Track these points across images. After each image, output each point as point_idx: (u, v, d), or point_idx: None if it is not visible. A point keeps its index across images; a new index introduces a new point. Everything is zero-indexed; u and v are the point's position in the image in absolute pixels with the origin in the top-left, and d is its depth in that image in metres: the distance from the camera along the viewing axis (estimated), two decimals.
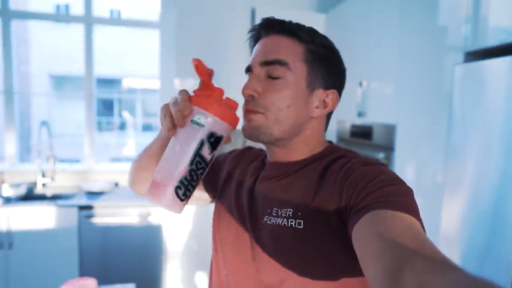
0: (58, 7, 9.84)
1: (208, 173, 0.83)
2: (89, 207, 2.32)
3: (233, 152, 0.87)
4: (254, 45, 0.72)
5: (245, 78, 0.70)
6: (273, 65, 0.65)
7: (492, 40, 1.37)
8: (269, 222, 0.65)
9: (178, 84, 2.63)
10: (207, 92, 0.58)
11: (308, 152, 0.70)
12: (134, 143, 10.16)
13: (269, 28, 0.68)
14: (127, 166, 3.19)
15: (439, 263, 0.39)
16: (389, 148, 1.95)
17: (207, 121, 0.56)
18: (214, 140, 0.57)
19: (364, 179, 0.57)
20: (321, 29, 0.72)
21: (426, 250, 0.42)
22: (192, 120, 0.56)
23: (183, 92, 0.59)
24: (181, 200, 0.57)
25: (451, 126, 1.50)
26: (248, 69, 0.70)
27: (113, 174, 2.92)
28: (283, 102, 0.65)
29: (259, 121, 0.65)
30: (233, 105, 0.60)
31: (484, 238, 1.31)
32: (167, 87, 2.86)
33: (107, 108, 12.22)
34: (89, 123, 2.90)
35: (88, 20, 2.83)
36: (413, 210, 0.52)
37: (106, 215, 2.35)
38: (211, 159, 0.59)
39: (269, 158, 0.74)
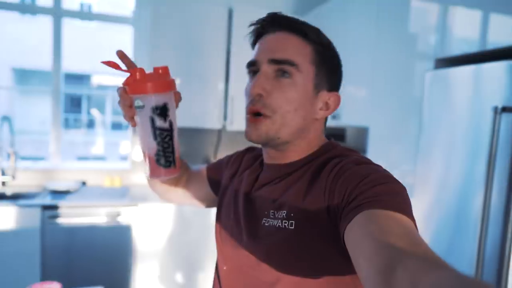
0: None
1: (212, 176, 0.89)
2: (54, 207, 2.21)
3: (235, 155, 0.87)
4: (256, 39, 0.70)
5: (221, 75, 0.69)
6: (283, 64, 0.64)
7: (458, 50, 1.43)
8: (267, 224, 0.66)
9: None
10: (131, 78, 0.64)
11: (306, 152, 0.69)
12: (102, 141, 9.84)
13: (276, 24, 0.67)
14: (95, 165, 3.08)
15: (430, 262, 0.39)
16: (361, 150, 1.99)
17: (144, 100, 0.63)
18: (160, 111, 0.64)
19: (356, 178, 0.56)
20: None
21: (418, 249, 0.42)
22: (135, 107, 0.64)
23: (119, 89, 0.65)
24: (166, 166, 0.67)
25: (421, 130, 1.55)
26: (252, 64, 0.68)
27: (81, 172, 2.80)
28: (291, 105, 0.64)
29: (266, 128, 0.64)
30: (162, 71, 0.65)
31: (449, 236, 1.36)
32: None
33: (75, 105, 11.78)
34: (55, 119, 2.77)
35: (57, 12, 2.71)
36: (405, 209, 0.52)
37: (72, 215, 2.25)
38: (171, 123, 0.66)
39: (266, 160, 0.74)
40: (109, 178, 2.75)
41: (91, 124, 11.40)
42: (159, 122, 0.64)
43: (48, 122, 2.84)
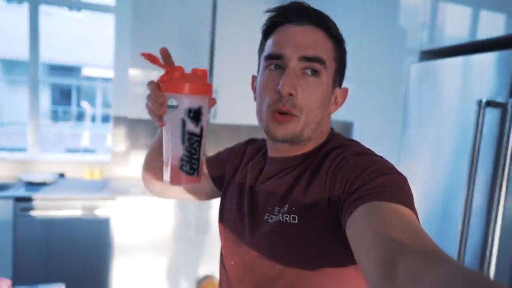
0: None
1: (213, 170, 0.86)
2: (27, 199, 2.13)
3: (236, 147, 0.85)
4: (272, 28, 0.66)
5: (205, 68, 0.63)
6: (314, 62, 0.62)
7: (443, 42, 1.37)
8: (270, 220, 0.65)
9: (134, 74, 2.47)
10: (169, 75, 0.61)
11: (314, 145, 0.68)
12: (92, 134, 9.70)
13: (304, 16, 0.63)
14: (74, 157, 2.99)
15: (432, 256, 0.38)
16: None
17: (179, 101, 0.60)
18: (193, 114, 0.60)
19: (356, 170, 0.56)
20: None
21: (419, 242, 0.42)
22: (167, 106, 0.60)
23: (151, 83, 0.61)
24: (190, 174, 0.62)
25: (405, 124, 1.50)
26: (276, 57, 0.63)
27: (60, 164, 2.72)
28: (316, 103, 0.63)
29: (293, 126, 0.63)
30: (200, 74, 0.62)
31: (433, 235, 1.31)
32: (121, 76, 2.70)
33: (64, 97, 11.58)
34: (33, 109, 2.68)
35: None
36: (407, 201, 0.51)
37: (47, 208, 2.17)
38: (201, 129, 0.62)
39: (271, 153, 0.72)
40: (89, 171, 2.67)
41: (80, 116, 11.23)
42: (190, 126, 0.61)
43: (41, 113, 2.73)
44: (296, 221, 0.61)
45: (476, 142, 1.08)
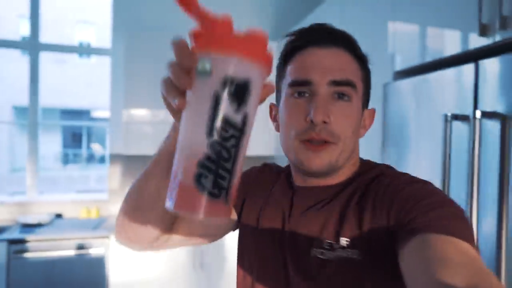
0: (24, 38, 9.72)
1: (237, 203, 0.70)
2: (21, 241, 2.13)
3: (253, 175, 0.74)
4: (293, 52, 0.61)
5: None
6: (344, 86, 0.58)
7: (415, 61, 1.39)
8: (322, 257, 0.57)
9: (128, 113, 2.54)
10: (208, 28, 0.36)
11: (349, 173, 0.63)
12: (101, 174, 9.83)
13: (328, 38, 0.59)
14: (72, 197, 3.02)
15: None
16: None
17: (215, 64, 0.35)
18: (235, 88, 0.35)
19: (412, 199, 0.52)
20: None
21: (479, 279, 0.39)
22: (196, 72, 0.36)
23: (179, 40, 0.38)
24: (213, 195, 0.35)
25: (385, 146, 1.49)
26: (302, 83, 0.58)
27: (58, 205, 2.74)
28: (350, 129, 0.59)
29: (329, 155, 0.57)
30: (259, 36, 0.37)
31: None
32: (116, 115, 2.78)
33: (76, 140, 11.89)
34: (31, 152, 2.75)
35: (34, 46, 2.75)
36: (465, 234, 0.47)
37: (41, 249, 2.17)
38: (245, 119, 0.36)
39: (298, 182, 0.65)
40: (86, 210, 2.68)
41: (90, 158, 11.45)
42: (227, 108, 0.35)
43: (51, 158, 2.80)
44: (359, 256, 0.55)
45: (446, 156, 1.06)
